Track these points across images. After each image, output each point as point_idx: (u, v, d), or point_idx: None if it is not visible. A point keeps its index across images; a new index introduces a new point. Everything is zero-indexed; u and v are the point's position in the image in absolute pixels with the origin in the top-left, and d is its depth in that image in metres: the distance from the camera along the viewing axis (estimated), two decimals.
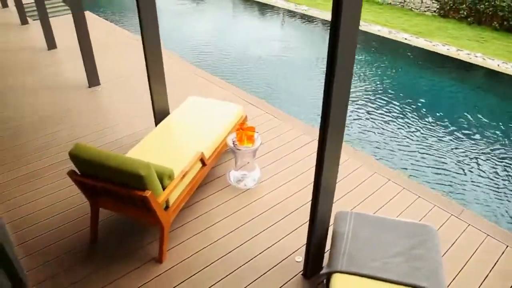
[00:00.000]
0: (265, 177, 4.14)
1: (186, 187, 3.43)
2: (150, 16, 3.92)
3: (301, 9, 13.09)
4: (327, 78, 2.27)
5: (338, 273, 2.59)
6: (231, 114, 4.30)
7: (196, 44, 10.30)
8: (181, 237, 3.47)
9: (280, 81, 8.51)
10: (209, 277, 3.13)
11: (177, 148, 3.71)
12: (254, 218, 3.67)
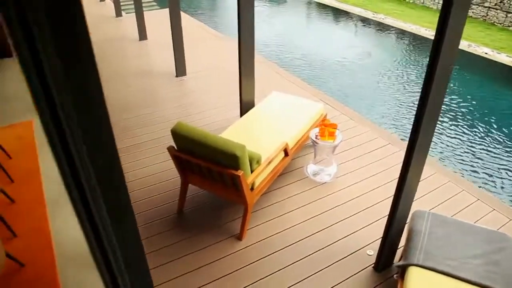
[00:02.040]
0: (341, 173, 4.26)
1: (270, 173, 3.64)
2: (248, 15, 4.18)
3: (378, 17, 12.98)
4: (424, 87, 2.36)
5: (414, 266, 2.68)
6: (313, 111, 4.46)
7: (271, 45, 10.56)
8: (259, 220, 3.68)
9: (353, 85, 8.54)
10: (284, 259, 3.31)
11: (263, 137, 3.92)
12: (328, 211, 3.81)
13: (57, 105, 0.70)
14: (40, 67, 0.68)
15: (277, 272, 3.18)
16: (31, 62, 0.68)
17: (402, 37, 11.62)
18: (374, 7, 13.87)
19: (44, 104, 0.72)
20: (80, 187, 0.83)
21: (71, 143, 0.77)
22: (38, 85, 0.70)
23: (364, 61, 9.98)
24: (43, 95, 0.71)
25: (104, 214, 0.89)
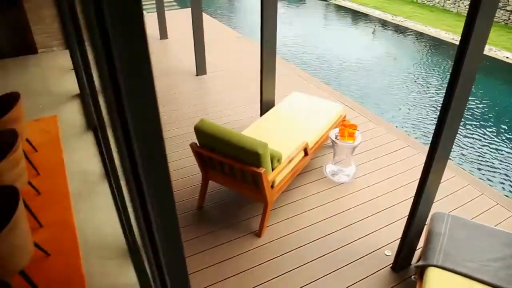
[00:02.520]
0: (360, 174, 4.27)
1: (289, 172, 3.67)
2: (271, 16, 4.22)
3: (397, 20, 12.90)
4: (447, 92, 2.37)
5: (434, 267, 2.69)
6: (333, 112, 4.48)
7: (289, 46, 10.59)
8: (278, 217, 3.72)
9: (371, 87, 8.52)
10: (302, 257, 3.34)
11: (283, 136, 3.95)
12: (346, 210, 3.82)
13: (122, 93, 0.75)
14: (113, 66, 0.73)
15: (296, 269, 3.21)
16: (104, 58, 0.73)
17: (421, 40, 11.53)
18: (393, 10, 13.79)
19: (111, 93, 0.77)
20: (136, 177, 0.88)
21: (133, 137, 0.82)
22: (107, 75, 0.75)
23: (383, 63, 9.93)
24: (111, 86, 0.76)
25: (155, 202, 0.94)
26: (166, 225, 0.99)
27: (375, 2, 14.66)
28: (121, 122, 0.80)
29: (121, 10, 0.68)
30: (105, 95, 0.79)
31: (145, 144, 0.83)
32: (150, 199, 0.92)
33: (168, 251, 1.03)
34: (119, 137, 0.83)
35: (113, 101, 0.77)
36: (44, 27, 7.73)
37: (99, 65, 0.74)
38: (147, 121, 0.81)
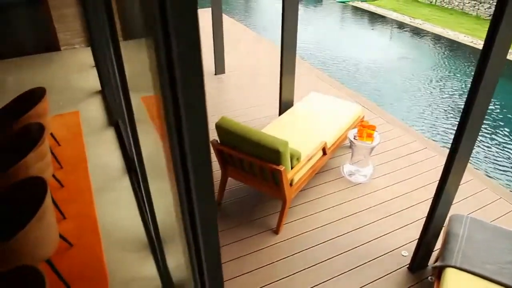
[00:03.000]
0: (377, 175, 4.28)
1: (308, 171, 3.69)
2: (292, 17, 4.26)
3: (416, 22, 12.81)
4: (469, 96, 2.37)
5: (452, 268, 2.69)
6: (351, 112, 4.49)
7: (306, 46, 10.59)
8: (296, 215, 3.74)
9: (388, 89, 8.48)
10: (319, 254, 3.36)
11: (302, 135, 3.98)
12: (363, 210, 3.83)
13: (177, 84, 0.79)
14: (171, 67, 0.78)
15: (313, 267, 3.24)
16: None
17: (439, 42, 11.44)
18: (412, 12, 13.69)
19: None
20: (185, 168, 0.93)
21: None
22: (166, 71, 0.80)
23: (399, 65, 9.88)
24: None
25: (200, 192, 0.99)
26: (208, 215, 1.04)
27: (393, 5, 14.58)
28: (175, 116, 0.84)
29: (181, 15, 0.73)
30: (162, 91, 0.83)
31: (194, 136, 0.87)
32: (196, 190, 0.96)
33: (208, 239, 1.07)
34: (172, 129, 0.87)
35: (169, 97, 0.82)
36: (66, 25, 7.87)
37: (159, 63, 0.79)
38: (197, 115, 0.85)
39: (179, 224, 1.18)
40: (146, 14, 0.80)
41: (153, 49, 0.82)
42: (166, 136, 0.94)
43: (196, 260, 1.12)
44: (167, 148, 0.98)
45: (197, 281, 1.19)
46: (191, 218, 1.03)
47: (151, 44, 0.83)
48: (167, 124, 0.90)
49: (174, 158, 0.94)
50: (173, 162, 0.96)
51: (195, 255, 1.11)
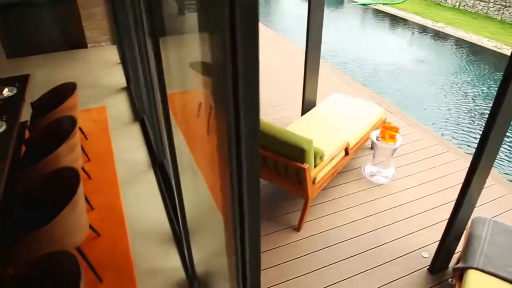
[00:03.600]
0: (398, 177, 4.27)
1: (330, 170, 3.72)
2: (317, 19, 4.31)
3: (438, 26, 12.68)
4: (496, 101, 2.36)
5: (474, 270, 2.69)
6: (373, 114, 4.49)
7: (326, 47, 10.59)
8: (317, 214, 3.77)
9: (409, 92, 8.43)
10: (340, 252, 3.39)
11: (325, 135, 4.00)
12: (384, 211, 3.84)
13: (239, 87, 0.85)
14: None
15: (333, 264, 3.27)
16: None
17: (462, 47, 11.30)
18: (434, 16, 13.56)
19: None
20: (239, 160, 0.98)
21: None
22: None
23: (422, 68, 9.80)
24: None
25: (250, 184, 1.04)
26: (255, 207, 1.09)
27: (415, 8, 14.46)
28: (234, 110, 0.90)
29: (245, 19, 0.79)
30: (225, 84, 0.88)
31: (250, 129, 0.92)
32: (247, 181, 1.01)
33: (254, 229, 1.12)
34: (231, 124, 0.92)
35: (230, 90, 0.87)
36: (94, 23, 8.04)
37: (225, 61, 0.85)
38: (253, 110, 0.91)
39: (226, 215, 1.23)
40: (211, 14, 0.86)
41: (219, 47, 0.87)
42: (222, 130, 0.99)
43: (240, 250, 1.18)
44: (219, 142, 1.03)
45: (239, 271, 1.25)
46: (240, 210, 1.08)
47: (216, 42, 0.88)
48: (226, 119, 0.95)
49: (229, 151, 0.99)
50: (228, 155, 1.01)
51: (240, 246, 1.17)
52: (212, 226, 2.89)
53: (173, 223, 3.51)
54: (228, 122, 0.95)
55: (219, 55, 0.91)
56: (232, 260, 1.29)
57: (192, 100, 2.46)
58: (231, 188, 1.07)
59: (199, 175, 2.46)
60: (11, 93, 3.95)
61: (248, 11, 0.78)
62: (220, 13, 0.82)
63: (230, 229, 1.20)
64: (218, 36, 0.88)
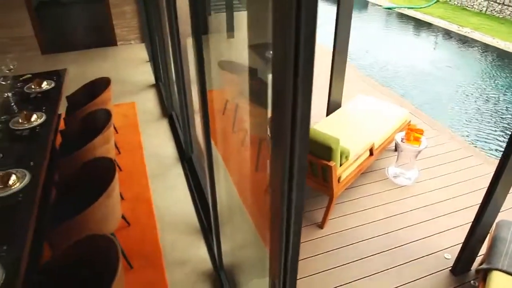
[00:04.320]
0: (421, 179, 4.28)
1: (355, 169, 3.76)
2: (345, 23, 4.36)
3: (464, 31, 12.50)
4: None
5: (498, 271, 2.70)
6: (398, 116, 4.51)
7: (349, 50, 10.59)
8: (341, 212, 3.82)
9: (433, 96, 8.37)
10: (362, 250, 3.43)
11: (350, 135, 4.03)
12: (407, 212, 3.86)
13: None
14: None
15: (356, 262, 3.31)
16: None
17: (488, 52, 11.13)
18: (460, 21, 13.37)
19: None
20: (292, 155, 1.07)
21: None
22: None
23: (446, 73, 9.71)
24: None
25: (299, 178, 1.13)
26: (300, 201, 1.17)
27: (440, 12, 14.28)
28: (292, 105, 0.97)
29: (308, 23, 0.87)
30: (286, 80, 0.96)
31: (303, 124, 1.01)
32: (297, 177, 1.10)
33: (297, 222, 1.21)
34: (286, 118, 1.01)
35: (290, 88, 0.95)
36: (124, 22, 8.24)
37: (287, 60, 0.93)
38: (306, 103, 0.99)
39: (273, 208, 1.31)
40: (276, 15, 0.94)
41: (282, 48, 0.95)
42: (278, 127, 1.08)
43: (285, 243, 1.26)
44: (275, 145, 1.12)
45: (281, 262, 1.33)
46: (289, 203, 1.17)
47: (278, 42, 0.96)
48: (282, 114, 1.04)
49: (283, 146, 1.07)
50: (282, 150, 1.09)
51: (285, 241, 1.25)
52: (241, 221, 2.98)
53: (200, 216, 3.60)
54: (285, 128, 1.03)
55: (281, 53, 0.98)
56: (275, 252, 1.37)
57: (226, 98, 2.56)
58: (281, 189, 1.16)
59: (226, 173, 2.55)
60: (50, 86, 4.11)
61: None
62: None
63: (276, 225, 1.28)
64: (280, 37, 0.96)
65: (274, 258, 1.41)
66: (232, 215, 3.18)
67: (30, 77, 4.37)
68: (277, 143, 1.12)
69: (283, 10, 0.89)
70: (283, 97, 1.00)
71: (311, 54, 0.92)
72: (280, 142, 1.09)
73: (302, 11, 0.84)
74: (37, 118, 3.46)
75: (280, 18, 0.93)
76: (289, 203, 1.20)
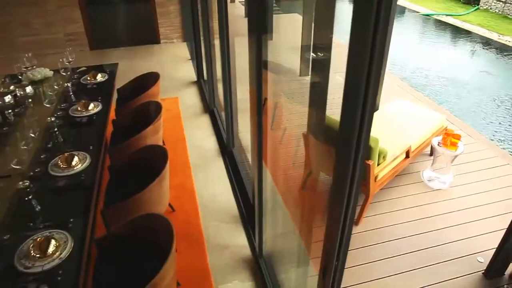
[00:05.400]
0: (456, 184, 4.30)
1: (391, 170, 3.83)
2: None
3: (504, 39, 12.24)
4: None
5: None
6: (435, 121, 4.54)
7: None
8: (375, 211, 3.89)
9: (471, 104, 8.26)
10: (396, 248, 3.49)
11: (387, 136, 4.08)
12: (441, 215, 3.89)
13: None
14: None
15: (390, 258, 3.38)
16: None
17: None
18: (500, 29, 13.09)
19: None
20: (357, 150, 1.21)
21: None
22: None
23: (485, 82, 9.55)
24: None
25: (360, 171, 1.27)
26: (357, 195, 1.32)
27: (480, 20, 14.01)
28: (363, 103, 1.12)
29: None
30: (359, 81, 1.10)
31: (369, 119, 1.14)
32: (359, 168, 1.24)
33: (352, 214, 1.35)
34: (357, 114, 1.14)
35: (362, 90, 1.09)
36: (168, 21, 8.52)
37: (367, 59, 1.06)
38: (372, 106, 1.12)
39: (334, 199, 1.44)
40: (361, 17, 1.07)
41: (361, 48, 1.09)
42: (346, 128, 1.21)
43: (340, 233, 1.40)
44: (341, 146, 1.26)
45: (334, 251, 1.47)
46: (349, 194, 1.30)
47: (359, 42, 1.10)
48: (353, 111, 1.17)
49: (350, 143, 1.21)
50: (351, 146, 1.23)
51: (341, 229, 1.39)
52: (280, 214, 3.12)
53: (240, 206, 3.76)
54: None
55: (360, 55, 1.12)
56: (329, 245, 1.51)
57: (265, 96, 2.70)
58: (343, 187, 1.30)
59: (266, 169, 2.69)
60: (103, 79, 4.37)
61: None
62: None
63: (335, 219, 1.42)
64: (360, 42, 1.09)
65: (330, 247, 1.54)
66: (272, 208, 3.32)
67: (85, 69, 4.66)
68: (345, 142, 1.26)
69: (362, 20, 1.02)
70: (356, 98, 1.13)
71: (381, 61, 1.05)
72: (348, 143, 1.23)
73: (379, 24, 0.98)
74: (94, 107, 3.70)
75: (359, 27, 1.06)
76: (349, 198, 1.33)
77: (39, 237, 2.20)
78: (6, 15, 7.57)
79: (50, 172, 2.77)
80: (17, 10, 7.60)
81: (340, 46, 1.84)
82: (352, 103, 1.17)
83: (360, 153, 1.23)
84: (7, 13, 7.57)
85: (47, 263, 2.06)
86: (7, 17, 7.58)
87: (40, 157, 2.93)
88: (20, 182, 2.59)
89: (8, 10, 7.55)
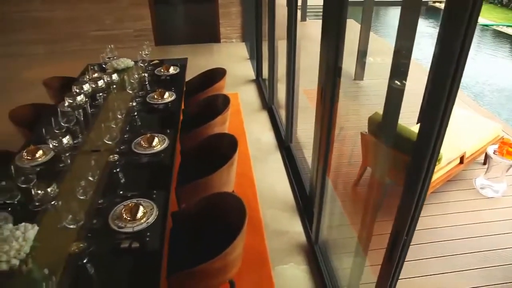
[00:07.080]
0: (510, 193, 4.27)
1: (444, 174, 3.88)
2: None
3: None
4: None
5: None
6: (490, 129, 4.52)
7: None
8: (426, 212, 3.92)
9: None
10: (450, 248, 3.51)
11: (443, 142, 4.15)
12: (494, 222, 3.87)
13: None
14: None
15: (444, 257, 3.42)
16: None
17: None
18: None
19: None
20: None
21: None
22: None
23: None
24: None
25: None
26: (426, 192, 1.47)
27: None
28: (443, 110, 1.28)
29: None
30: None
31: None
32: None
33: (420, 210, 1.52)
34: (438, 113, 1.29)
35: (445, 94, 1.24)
36: (229, 21, 8.83)
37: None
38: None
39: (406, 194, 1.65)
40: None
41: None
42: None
43: (413, 208, 1.57)
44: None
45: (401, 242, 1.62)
46: (421, 192, 1.46)
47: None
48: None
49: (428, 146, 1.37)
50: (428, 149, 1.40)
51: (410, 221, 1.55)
52: (334, 206, 3.26)
53: (296, 196, 3.94)
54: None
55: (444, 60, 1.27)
56: (401, 219, 1.67)
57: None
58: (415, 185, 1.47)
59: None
60: (175, 71, 4.68)
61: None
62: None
63: (406, 213, 1.59)
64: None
65: (401, 220, 1.70)
66: (328, 201, 3.48)
67: (158, 62, 4.99)
68: (424, 144, 1.42)
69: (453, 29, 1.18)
70: (437, 111, 1.29)
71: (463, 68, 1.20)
72: (427, 144, 1.38)
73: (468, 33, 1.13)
74: (168, 96, 3.99)
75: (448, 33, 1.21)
76: (420, 193, 1.48)
77: (129, 203, 2.47)
78: (81, 11, 8.15)
79: (134, 150, 3.06)
80: (92, 6, 8.16)
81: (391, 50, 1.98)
82: (432, 117, 1.32)
83: (434, 160, 1.38)
84: (83, 9, 8.15)
85: (136, 225, 2.32)
86: (82, 12, 8.16)
87: (124, 136, 3.23)
88: (110, 156, 2.89)
89: (85, 6, 8.13)
